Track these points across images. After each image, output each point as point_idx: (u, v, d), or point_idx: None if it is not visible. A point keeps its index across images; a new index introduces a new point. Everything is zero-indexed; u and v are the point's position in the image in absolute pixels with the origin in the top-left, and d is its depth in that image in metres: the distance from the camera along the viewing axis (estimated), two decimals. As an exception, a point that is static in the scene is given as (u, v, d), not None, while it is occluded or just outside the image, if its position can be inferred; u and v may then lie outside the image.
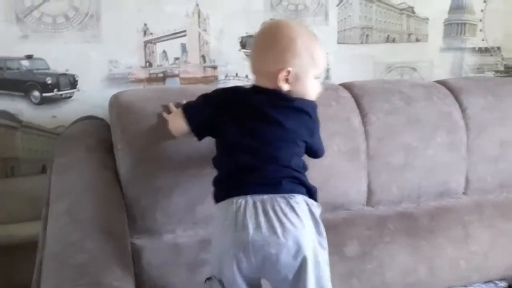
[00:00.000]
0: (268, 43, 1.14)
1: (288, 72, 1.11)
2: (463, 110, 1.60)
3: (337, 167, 1.44)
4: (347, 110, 1.49)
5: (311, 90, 1.16)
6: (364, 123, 1.49)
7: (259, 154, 1.10)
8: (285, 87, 1.12)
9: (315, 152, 1.23)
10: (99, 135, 1.39)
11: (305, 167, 1.17)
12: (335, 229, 1.40)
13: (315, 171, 1.38)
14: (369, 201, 1.51)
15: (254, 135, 1.11)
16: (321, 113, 1.40)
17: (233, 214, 1.05)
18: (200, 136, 1.20)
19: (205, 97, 1.19)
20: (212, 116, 1.16)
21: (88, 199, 1.15)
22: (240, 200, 1.06)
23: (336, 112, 1.47)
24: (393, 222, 1.50)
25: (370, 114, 1.50)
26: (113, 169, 1.29)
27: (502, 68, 2.12)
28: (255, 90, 1.15)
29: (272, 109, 1.12)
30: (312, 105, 1.18)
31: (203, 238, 1.29)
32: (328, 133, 1.41)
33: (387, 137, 1.50)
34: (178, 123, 1.21)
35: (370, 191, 1.50)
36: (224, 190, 1.11)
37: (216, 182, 1.14)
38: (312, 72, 1.14)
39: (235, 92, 1.18)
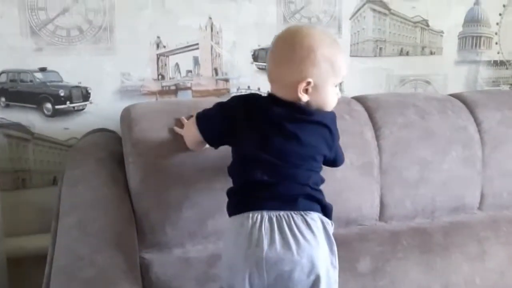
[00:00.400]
0: (287, 53, 1.09)
1: (308, 83, 1.08)
2: (478, 124, 1.57)
3: (350, 181, 1.42)
4: (360, 124, 1.47)
5: (330, 99, 1.13)
6: (377, 136, 1.47)
7: (276, 170, 1.08)
8: (304, 98, 1.09)
9: (333, 162, 1.21)
10: (110, 148, 1.39)
11: (322, 181, 1.15)
12: (348, 245, 1.38)
13: (328, 185, 1.36)
14: (382, 216, 1.49)
15: (271, 149, 1.08)
16: None
17: (248, 229, 1.04)
18: (215, 146, 1.19)
19: (220, 106, 1.17)
20: (227, 126, 1.13)
21: (98, 213, 1.15)
22: (256, 215, 1.04)
23: (349, 125, 1.45)
24: (406, 237, 1.47)
25: (384, 127, 1.48)
26: (123, 182, 1.28)
27: (517, 82, 2.09)
28: (273, 100, 1.12)
29: (291, 123, 1.09)
30: (332, 117, 1.15)
31: (213, 253, 1.27)
32: (341, 146, 1.40)
33: (401, 151, 1.48)
34: (192, 134, 1.19)
35: (383, 206, 1.48)
36: (240, 203, 1.09)
37: (231, 194, 1.12)
38: (331, 81, 1.11)
39: (253, 100, 1.14)
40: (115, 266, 1.02)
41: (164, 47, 1.68)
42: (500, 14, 2.02)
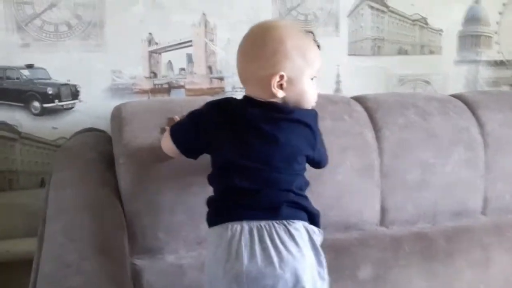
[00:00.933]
0: (256, 48, 1.04)
1: (282, 76, 1.01)
2: (481, 125, 1.54)
3: (350, 185, 1.38)
4: (360, 125, 1.43)
5: (308, 93, 1.06)
6: (378, 138, 1.43)
7: (257, 176, 1.02)
8: (280, 93, 1.02)
9: (318, 163, 1.15)
10: (100, 148, 1.33)
11: (307, 185, 1.09)
12: (347, 251, 1.34)
13: (326, 188, 1.34)
14: (382, 220, 1.44)
15: (250, 154, 1.02)
16: (333, 128, 1.38)
17: (227, 241, 0.98)
18: (193, 156, 1.13)
19: (193, 115, 1.11)
20: (202, 134, 1.08)
21: (86, 218, 1.09)
22: (236, 226, 0.98)
23: (349, 126, 1.41)
24: (408, 243, 1.42)
25: (384, 129, 1.44)
26: (113, 184, 1.23)
27: (518, 82, 2.06)
28: (249, 102, 1.06)
29: (269, 125, 1.03)
30: (312, 114, 1.09)
31: (208, 260, 1.21)
32: (341, 148, 1.37)
33: (402, 153, 1.43)
34: (168, 145, 1.14)
35: (384, 210, 1.43)
36: (219, 213, 1.03)
37: (210, 203, 1.07)
38: (307, 73, 1.04)
39: (227, 105, 1.08)
40: (103, 274, 0.96)
41: (156, 44, 1.63)
42: (500, 13, 2.00)
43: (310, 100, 1.08)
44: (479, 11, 1.97)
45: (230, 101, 1.10)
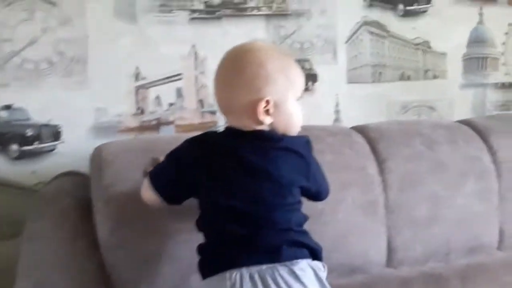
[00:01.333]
0: (235, 74, 0.97)
1: (267, 102, 0.94)
2: (492, 153, 1.45)
3: (353, 223, 1.28)
4: (362, 157, 1.35)
5: (295, 115, 0.99)
6: (382, 171, 1.34)
7: (250, 217, 0.93)
8: (267, 120, 0.95)
9: (315, 195, 1.06)
10: (79, 194, 1.22)
11: (305, 219, 1.00)
12: (353, 297, 1.23)
13: (327, 229, 1.25)
14: (390, 261, 1.34)
15: (239, 194, 0.94)
16: (333, 162, 1.29)
17: None
18: (177, 202, 1.03)
19: (170, 155, 1.02)
20: (183, 176, 0.98)
21: (59, 274, 1.00)
22: (235, 275, 0.90)
23: (350, 160, 1.32)
24: (419, 285, 1.31)
25: (389, 161, 1.36)
26: (92, 234, 1.12)
27: (527, 105, 1.98)
28: (232, 133, 0.98)
29: (257, 156, 0.95)
30: (304, 141, 1.02)
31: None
32: (342, 184, 1.28)
33: (409, 186, 1.35)
34: (147, 192, 1.04)
35: (391, 250, 1.33)
36: (213, 262, 0.94)
37: (202, 251, 0.97)
38: (292, 95, 0.98)
39: (208, 139, 1.00)
40: None
41: (144, 78, 1.56)
42: (506, 33, 1.93)
43: (297, 122, 1.01)
44: (484, 32, 1.92)
45: (211, 135, 1.02)
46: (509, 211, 1.43)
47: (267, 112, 0.95)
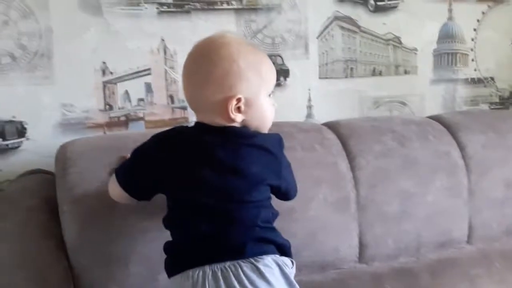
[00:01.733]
0: (205, 70, 0.94)
1: (239, 99, 0.93)
2: (462, 148, 1.47)
3: (324, 220, 1.28)
4: (333, 154, 1.34)
5: (267, 112, 0.98)
6: (353, 167, 1.34)
7: (216, 214, 0.92)
8: (238, 117, 0.94)
9: (284, 194, 1.04)
10: (44, 194, 1.18)
11: (275, 215, 0.99)
12: (325, 294, 1.22)
13: (298, 226, 1.24)
14: (362, 257, 1.34)
15: (206, 189, 0.92)
16: (303, 159, 1.28)
17: None
18: (145, 198, 1.01)
19: (137, 151, 1.00)
20: (150, 172, 0.96)
21: (23, 276, 0.96)
22: (197, 272, 0.89)
23: (321, 156, 1.32)
24: (390, 280, 1.32)
25: (359, 157, 1.36)
26: (58, 235, 1.09)
27: (497, 100, 2.01)
28: (203, 129, 0.96)
29: (227, 153, 0.93)
30: (276, 140, 1.00)
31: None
32: (313, 181, 1.28)
33: (380, 183, 1.35)
34: (115, 190, 1.02)
35: (362, 246, 1.34)
36: (177, 260, 0.93)
37: (168, 250, 0.96)
38: (264, 92, 0.97)
39: (176, 135, 0.98)
40: None
41: (111, 73, 1.51)
42: (474, 29, 1.93)
43: (269, 118, 1.00)
44: (453, 28, 1.92)
45: (180, 130, 1.00)
46: (478, 206, 1.44)
47: (238, 109, 0.94)
